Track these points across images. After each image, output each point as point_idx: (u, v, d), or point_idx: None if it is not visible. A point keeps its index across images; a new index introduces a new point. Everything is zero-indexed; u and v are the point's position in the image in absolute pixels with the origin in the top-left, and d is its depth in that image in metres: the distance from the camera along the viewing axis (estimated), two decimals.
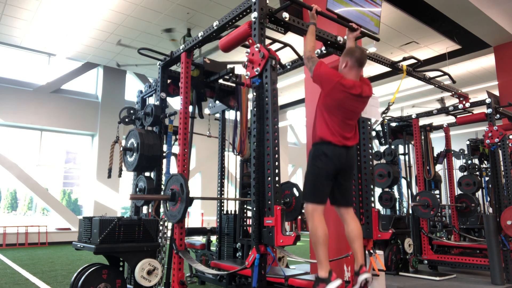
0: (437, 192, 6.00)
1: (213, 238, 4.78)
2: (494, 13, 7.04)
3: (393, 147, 5.98)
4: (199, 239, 5.26)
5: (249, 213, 4.27)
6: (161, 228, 3.41)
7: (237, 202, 4.43)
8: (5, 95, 9.32)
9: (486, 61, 9.83)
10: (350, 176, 2.84)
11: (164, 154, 3.75)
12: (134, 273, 3.04)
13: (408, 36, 8.64)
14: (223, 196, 4.65)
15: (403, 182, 6.36)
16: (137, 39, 8.89)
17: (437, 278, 4.68)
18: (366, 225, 3.08)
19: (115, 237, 3.03)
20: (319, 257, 2.49)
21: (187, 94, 3.46)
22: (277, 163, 2.40)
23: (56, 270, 5.43)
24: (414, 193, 5.74)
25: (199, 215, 11.37)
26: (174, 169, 3.49)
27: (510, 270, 4.40)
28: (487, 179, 6.80)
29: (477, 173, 6.91)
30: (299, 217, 9.54)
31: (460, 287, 4.30)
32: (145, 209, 3.99)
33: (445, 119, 9.63)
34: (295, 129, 16.37)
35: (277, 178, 2.39)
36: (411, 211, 5.50)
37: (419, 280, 4.68)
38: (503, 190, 4.66)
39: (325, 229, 2.52)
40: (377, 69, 9.92)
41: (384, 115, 4.61)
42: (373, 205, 3.15)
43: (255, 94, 2.53)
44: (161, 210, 3.50)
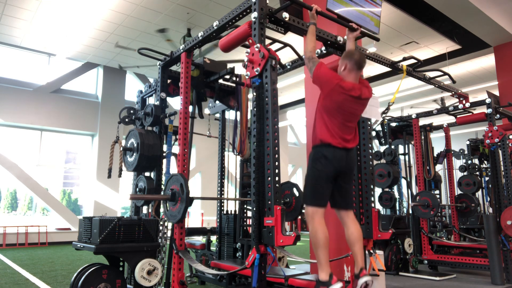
0: (437, 192, 6.01)
1: (213, 238, 4.78)
2: (494, 13, 7.03)
3: (393, 147, 5.99)
4: (199, 239, 5.25)
5: (249, 213, 4.27)
6: (161, 228, 3.41)
7: (237, 202, 4.43)
8: (5, 95, 9.32)
9: (486, 61, 9.83)
10: (350, 179, 2.83)
11: (164, 154, 3.75)
12: (134, 273, 3.04)
13: (408, 36, 8.64)
14: (223, 196, 4.65)
15: (403, 182, 6.36)
16: (137, 39, 8.89)
17: (437, 278, 4.68)
18: (366, 225, 3.08)
19: (115, 237, 3.03)
20: (319, 260, 2.50)
21: (187, 94, 3.46)
22: (277, 163, 2.40)
23: (56, 270, 5.43)
24: (414, 193, 5.74)
25: (199, 215, 11.36)
26: (174, 169, 3.49)
27: (510, 270, 4.40)
28: (487, 179, 6.80)
29: (477, 173, 6.92)
30: (299, 217, 9.54)
31: (460, 287, 4.30)
32: (145, 209, 3.99)
33: (445, 119, 9.62)
34: (295, 129, 16.36)
35: (277, 178, 2.39)
36: (411, 211, 5.50)
37: (419, 280, 4.68)
38: (503, 190, 4.66)
39: (325, 232, 2.52)
40: (377, 69, 9.92)
41: (384, 115, 4.61)
42: (373, 205, 3.15)
43: (255, 94, 2.52)
44: (161, 210, 3.50)
